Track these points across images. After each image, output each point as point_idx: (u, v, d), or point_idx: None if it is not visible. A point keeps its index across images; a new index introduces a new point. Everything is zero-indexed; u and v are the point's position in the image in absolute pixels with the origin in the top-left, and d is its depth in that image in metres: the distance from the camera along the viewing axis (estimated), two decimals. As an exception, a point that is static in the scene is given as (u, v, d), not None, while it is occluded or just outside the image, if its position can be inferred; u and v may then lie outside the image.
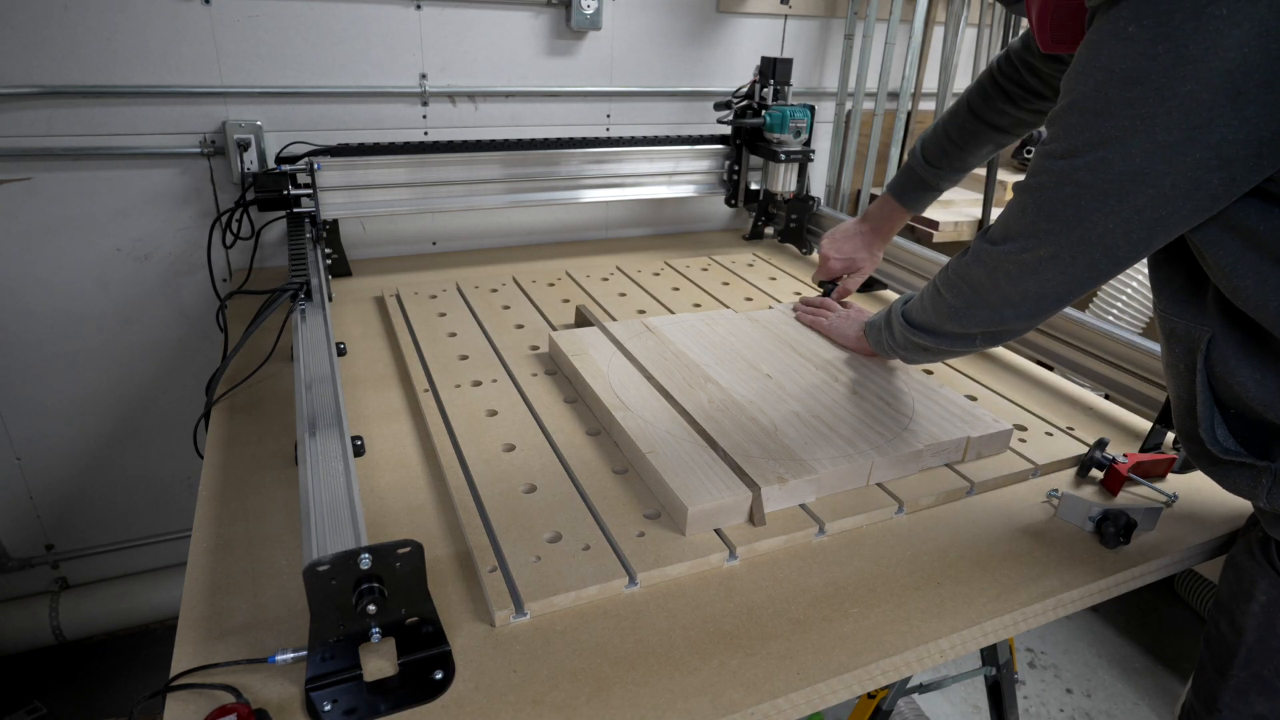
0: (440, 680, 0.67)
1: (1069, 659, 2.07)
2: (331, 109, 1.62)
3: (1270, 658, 0.79)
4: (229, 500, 0.89)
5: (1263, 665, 0.80)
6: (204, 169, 1.56)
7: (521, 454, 0.97)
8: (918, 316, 0.98)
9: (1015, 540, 0.90)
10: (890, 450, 0.95)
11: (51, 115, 1.43)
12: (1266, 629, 0.79)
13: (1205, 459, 0.80)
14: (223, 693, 0.64)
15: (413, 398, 1.12)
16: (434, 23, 1.63)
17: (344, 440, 0.78)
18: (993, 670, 1.41)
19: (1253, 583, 0.80)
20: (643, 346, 1.20)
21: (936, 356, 1.00)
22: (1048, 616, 0.83)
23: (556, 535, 0.83)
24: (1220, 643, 0.84)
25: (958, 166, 1.22)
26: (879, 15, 1.96)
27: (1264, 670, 0.80)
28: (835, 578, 0.83)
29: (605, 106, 1.87)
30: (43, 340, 1.58)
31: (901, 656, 0.74)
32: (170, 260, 1.61)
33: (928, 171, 1.23)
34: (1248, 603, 0.80)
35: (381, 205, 1.60)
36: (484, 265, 1.71)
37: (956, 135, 1.18)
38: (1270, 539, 0.79)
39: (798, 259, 1.84)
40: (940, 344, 0.95)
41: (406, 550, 0.63)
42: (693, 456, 0.92)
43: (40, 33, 1.37)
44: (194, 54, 1.48)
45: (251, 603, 0.75)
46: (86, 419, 1.68)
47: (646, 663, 0.70)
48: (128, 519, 1.82)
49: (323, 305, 1.11)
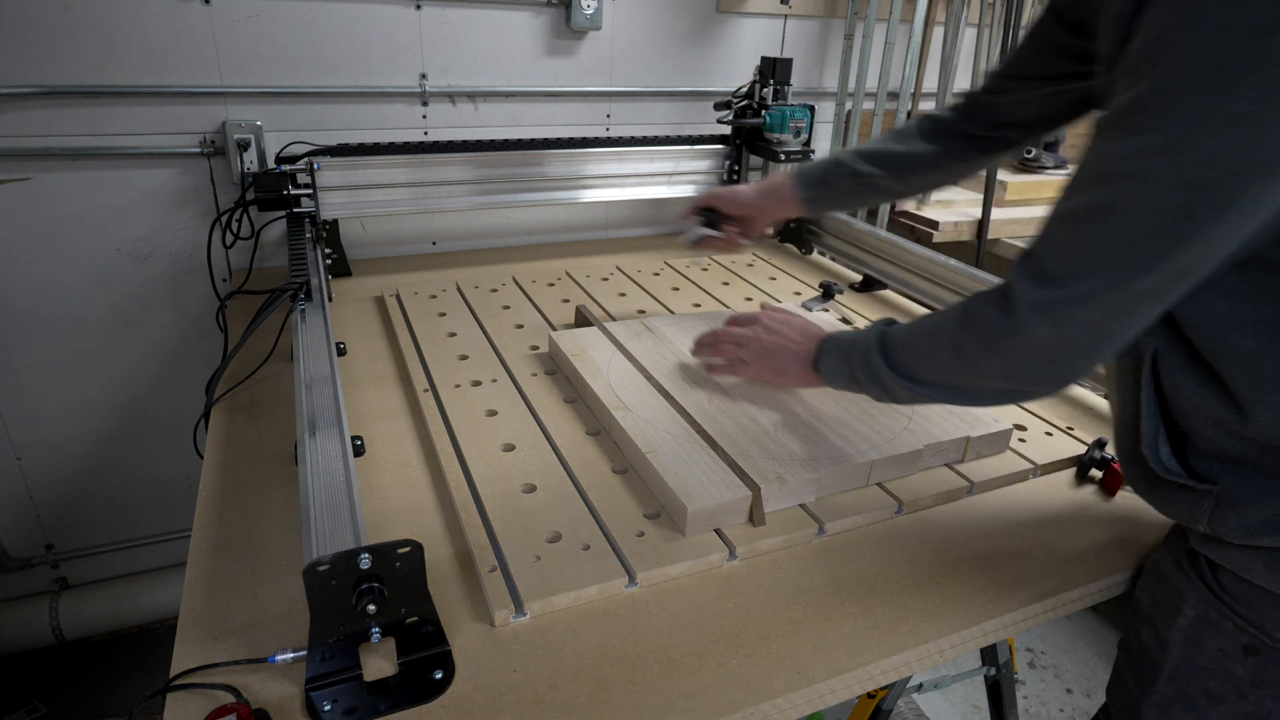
0: (440, 680, 0.67)
1: (1069, 659, 2.07)
2: (331, 109, 1.62)
3: (1196, 675, 0.76)
4: (229, 500, 0.89)
5: (1188, 683, 0.76)
6: (204, 169, 1.56)
7: (521, 454, 0.97)
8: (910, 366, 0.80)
9: (1015, 540, 0.90)
10: (890, 450, 0.95)
11: (51, 115, 1.43)
12: (1193, 646, 0.75)
13: (1145, 481, 0.78)
14: (223, 692, 0.64)
15: (413, 398, 1.12)
16: (434, 23, 1.63)
17: (344, 440, 0.78)
18: (992, 670, 1.41)
19: (1179, 595, 0.76)
20: (643, 346, 1.20)
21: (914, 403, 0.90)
22: (1048, 616, 0.83)
23: (556, 535, 0.83)
24: (1142, 654, 0.81)
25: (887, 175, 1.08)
26: (879, 15, 1.96)
27: (1189, 688, 0.76)
28: (835, 578, 0.83)
29: (605, 106, 1.87)
30: (43, 340, 1.58)
31: (901, 656, 0.74)
32: (170, 260, 1.61)
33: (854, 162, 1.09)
34: (1174, 616, 0.76)
35: (381, 205, 1.60)
36: (484, 265, 1.71)
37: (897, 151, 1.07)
38: (1198, 553, 0.75)
39: (798, 259, 1.84)
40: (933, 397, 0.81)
41: (406, 550, 0.63)
42: (693, 456, 0.92)
43: (40, 33, 1.37)
44: (194, 54, 1.48)
45: (251, 603, 0.75)
46: (86, 419, 1.68)
47: (646, 663, 0.71)
48: (128, 519, 1.82)
49: (323, 305, 1.11)
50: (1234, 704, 0.74)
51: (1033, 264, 0.66)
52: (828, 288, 1.45)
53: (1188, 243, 0.57)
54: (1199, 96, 0.52)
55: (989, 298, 0.71)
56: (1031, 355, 0.68)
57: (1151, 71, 0.55)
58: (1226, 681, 0.74)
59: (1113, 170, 0.59)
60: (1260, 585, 0.70)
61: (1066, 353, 0.66)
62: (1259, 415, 0.65)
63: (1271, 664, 0.71)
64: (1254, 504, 0.68)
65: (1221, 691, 0.75)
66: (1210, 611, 0.74)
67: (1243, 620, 0.72)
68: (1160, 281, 0.60)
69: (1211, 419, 0.69)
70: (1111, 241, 0.60)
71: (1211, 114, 0.52)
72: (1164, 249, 0.58)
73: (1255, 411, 0.65)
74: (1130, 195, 0.58)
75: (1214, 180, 0.54)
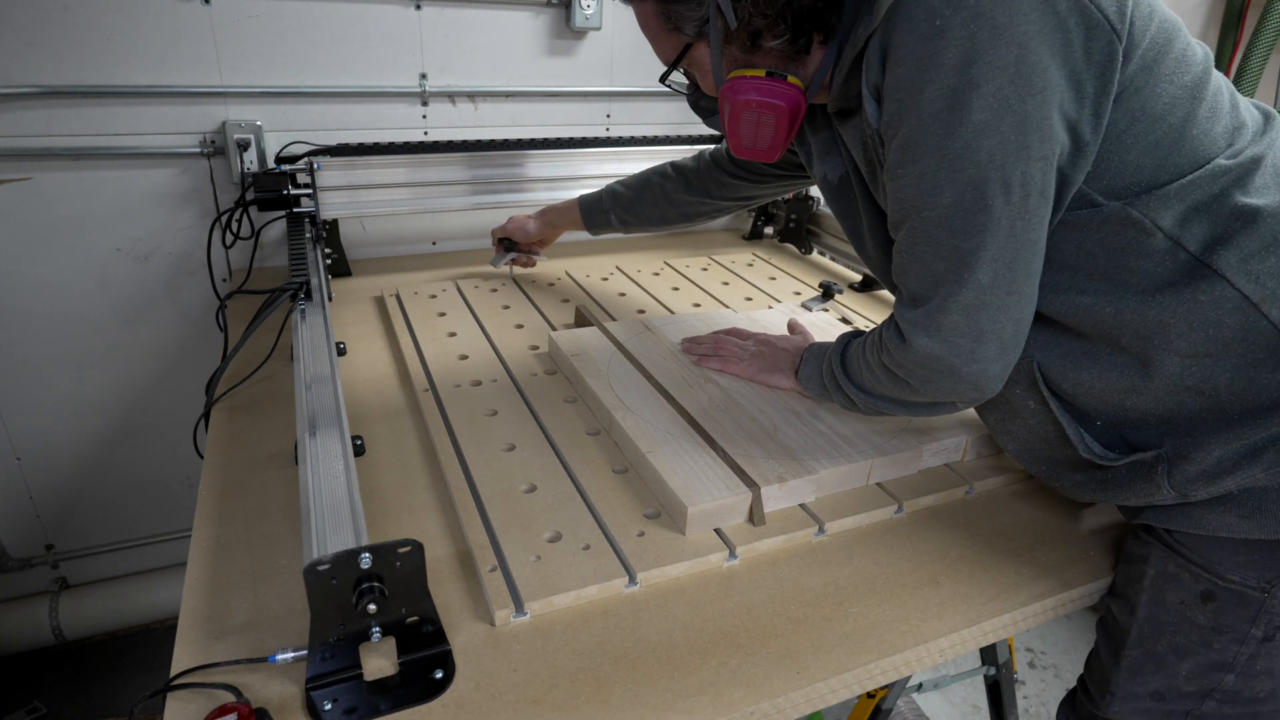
0: (440, 680, 0.67)
1: (1069, 659, 2.07)
2: (331, 109, 1.62)
3: (1163, 633, 0.78)
4: (229, 500, 0.89)
5: (1155, 641, 0.79)
6: (204, 169, 1.56)
7: (521, 454, 0.97)
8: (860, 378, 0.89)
9: (1015, 540, 0.90)
10: (890, 450, 0.95)
11: (51, 115, 1.43)
12: (1156, 605, 0.78)
13: (1094, 482, 0.81)
14: (223, 692, 0.64)
15: (413, 398, 1.12)
16: (434, 23, 1.63)
17: (344, 440, 0.78)
18: (992, 670, 1.42)
19: (1144, 560, 0.80)
20: (643, 346, 1.20)
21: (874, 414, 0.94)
22: (1047, 616, 0.83)
23: (556, 535, 0.83)
24: (1114, 626, 0.84)
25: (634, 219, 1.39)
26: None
27: (1157, 646, 0.79)
28: (835, 577, 0.83)
29: (605, 106, 1.87)
30: (43, 340, 1.58)
31: (901, 656, 0.74)
32: (170, 260, 1.61)
33: (605, 201, 1.40)
34: (1139, 581, 0.80)
35: (381, 205, 1.60)
36: (484, 265, 1.71)
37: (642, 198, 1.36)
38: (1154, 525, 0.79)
39: (797, 259, 1.84)
40: (888, 409, 0.89)
41: (407, 550, 0.63)
42: (693, 456, 0.92)
43: (40, 33, 1.37)
44: (194, 54, 1.48)
45: (251, 602, 0.75)
46: (86, 419, 1.68)
47: (646, 662, 0.71)
48: (128, 519, 1.82)
49: (323, 305, 1.11)
50: (1200, 655, 0.77)
51: (902, 294, 0.80)
52: (827, 288, 1.45)
53: (993, 229, 0.69)
54: (943, 118, 0.67)
55: (889, 323, 0.82)
56: (927, 367, 0.77)
57: (905, 119, 0.69)
58: (1191, 633, 0.77)
59: (912, 196, 0.72)
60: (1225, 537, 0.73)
61: (956, 359, 0.75)
62: (1164, 367, 0.71)
63: (1228, 607, 0.74)
64: (1201, 449, 0.71)
65: (1186, 644, 0.77)
66: (1168, 565, 0.77)
67: (1197, 567, 0.75)
68: (994, 270, 0.71)
69: (1121, 390, 0.74)
70: (940, 250, 0.72)
71: (956, 128, 0.67)
72: (978, 241, 0.70)
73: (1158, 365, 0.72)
74: (933, 207, 0.71)
75: (987, 173, 0.67)
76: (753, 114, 0.83)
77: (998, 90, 0.65)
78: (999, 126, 0.66)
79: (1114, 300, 0.72)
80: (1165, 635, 0.78)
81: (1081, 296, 0.74)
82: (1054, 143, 0.67)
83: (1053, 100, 0.66)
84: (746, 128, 0.84)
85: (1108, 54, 0.66)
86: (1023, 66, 0.64)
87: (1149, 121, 0.69)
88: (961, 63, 0.65)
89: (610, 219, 1.41)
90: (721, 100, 0.85)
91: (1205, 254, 0.69)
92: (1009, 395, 0.83)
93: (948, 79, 0.66)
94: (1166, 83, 0.69)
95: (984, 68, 0.65)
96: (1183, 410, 0.73)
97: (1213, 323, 0.69)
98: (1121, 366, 0.74)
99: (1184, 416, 0.73)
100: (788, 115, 0.82)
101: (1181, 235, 0.69)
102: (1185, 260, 0.69)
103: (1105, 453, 0.78)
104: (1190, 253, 0.69)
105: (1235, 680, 0.76)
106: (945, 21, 0.65)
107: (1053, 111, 0.66)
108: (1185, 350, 0.70)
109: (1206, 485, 0.72)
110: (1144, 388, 0.73)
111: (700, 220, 1.36)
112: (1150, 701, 0.81)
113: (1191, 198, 0.69)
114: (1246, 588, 0.73)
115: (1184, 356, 0.70)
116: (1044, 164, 0.68)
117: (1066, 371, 0.77)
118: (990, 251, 0.70)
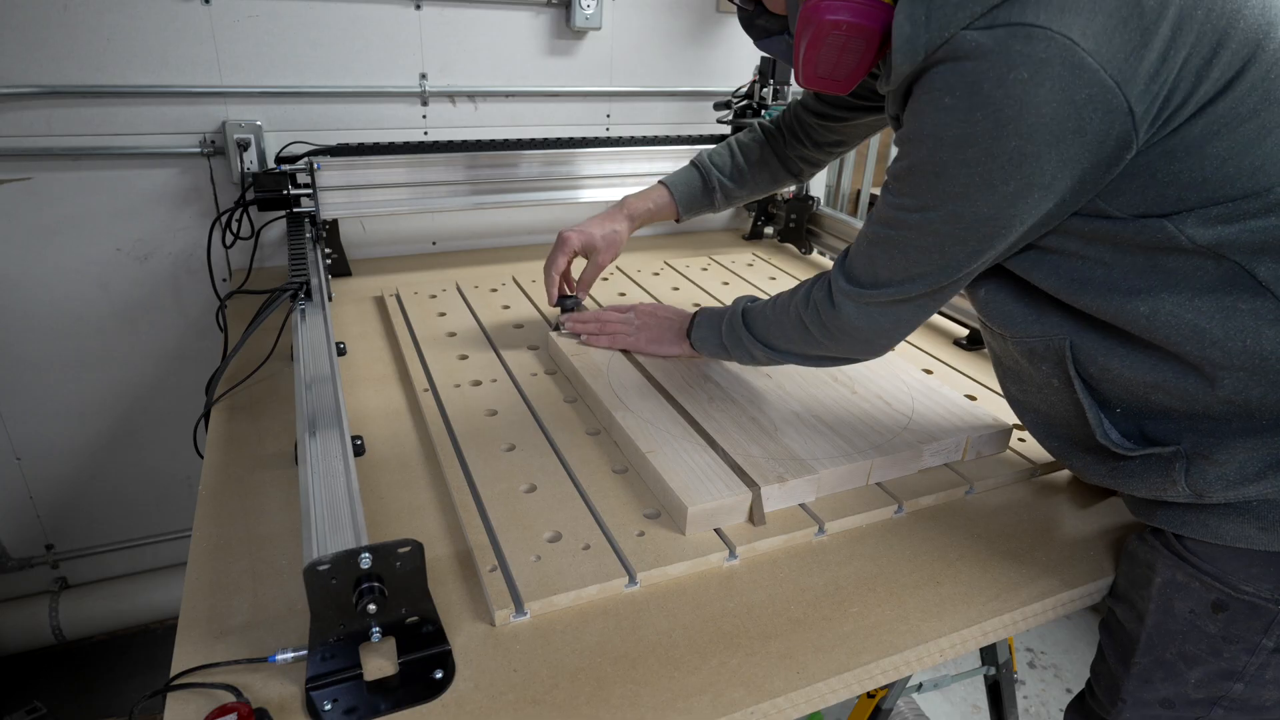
0: (440, 680, 0.67)
1: (1069, 659, 2.07)
2: (331, 109, 1.62)
3: (1171, 640, 0.78)
4: (229, 500, 0.89)
5: (1165, 649, 0.78)
6: (204, 169, 1.56)
7: (521, 454, 0.97)
8: (765, 334, 0.98)
9: (1015, 540, 0.90)
10: (890, 450, 0.95)
11: (51, 115, 1.43)
12: (1165, 613, 0.78)
13: (1105, 467, 0.80)
14: (223, 692, 0.64)
15: (413, 398, 1.12)
16: (434, 23, 1.63)
17: (344, 440, 0.78)
18: (992, 670, 1.42)
19: (1150, 566, 0.79)
20: (643, 346, 1.20)
21: (770, 364, 1.04)
22: (1047, 616, 0.83)
23: (556, 535, 0.83)
24: (1121, 631, 0.83)
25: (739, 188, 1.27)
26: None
27: (1165, 653, 0.78)
28: (835, 577, 0.83)
29: (605, 106, 1.87)
30: (43, 340, 1.58)
31: (901, 656, 0.74)
32: (170, 260, 1.61)
33: (713, 175, 1.26)
34: (1146, 587, 0.79)
35: (381, 205, 1.59)
36: (484, 265, 1.71)
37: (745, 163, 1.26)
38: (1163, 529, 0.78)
39: (797, 259, 1.84)
40: (784, 360, 0.98)
41: (407, 550, 0.63)
42: (693, 456, 0.92)
43: (40, 32, 1.37)
44: (194, 54, 1.48)
45: (251, 602, 0.75)
46: (86, 419, 1.68)
47: (646, 662, 0.71)
48: (127, 519, 1.82)
49: (323, 305, 1.11)
50: (1210, 663, 0.76)
51: (846, 266, 0.86)
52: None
53: (942, 267, 0.77)
54: (929, 179, 0.71)
55: (821, 284, 0.90)
56: (845, 332, 0.88)
57: (910, 153, 0.73)
58: (1200, 642, 0.76)
59: (890, 217, 0.78)
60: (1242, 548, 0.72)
61: (873, 333, 0.86)
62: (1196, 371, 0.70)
63: (1240, 617, 0.73)
64: (1225, 451, 0.70)
65: (1196, 653, 0.77)
66: (1177, 574, 0.76)
67: (1209, 577, 0.74)
68: (930, 288, 0.79)
69: (1148, 385, 0.73)
70: (892, 264, 0.80)
71: (939, 190, 0.71)
72: (927, 270, 0.78)
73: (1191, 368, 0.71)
74: (901, 237, 0.77)
75: (952, 230, 0.73)
76: (840, 36, 0.73)
77: (985, 174, 0.67)
78: (975, 199, 0.69)
79: (1150, 301, 0.70)
80: (1174, 643, 0.78)
81: (1114, 295, 0.72)
82: (1029, 218, 0.70)
83: (1039, 183, 0.67)
84: (828, 52, 0.75)
85: (1121, 143, 0.64)
86: (1018, 157, 0.65)
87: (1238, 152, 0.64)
88: (959, 142, 0.67)
89: (715, 198, 1.27)
90: (802, 20, 0.75)
91: (1249, 263, 0.66)
92: (1034, 369, 0.81)
93: (944, 152, 0.68)
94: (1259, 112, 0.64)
95: (978, 153, 0.66)
96: (1209, 413, 0.71)
97: (1251, 333, 0.66)
98: (1153, 363, 0.72)
99: (1209, 418, 0.71)
100: (879, 38, 0.73)
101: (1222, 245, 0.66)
102: (1229, 268, 0.67)
103: (1122, 441, 0.77)
104: (1234, 261, 0.66)
105: (1244, 689, 0.76)
106: (955, 101, 0.65)
107: (1034, 193, 0.68)
108: (1219, 359, 0.68)
109: (1225, 489, 0.70)
110: (1172, 386, 0.71)
111: (801, 178, 1.28)
112: (1160, 709, 0.81)
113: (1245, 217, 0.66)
114: (1260, 599, 0.72)
115: (1218, 364, 0.68)
116: (1009, 231, 0.72)
117: (1096, 356, 0.75)
118: (931, 280, 0.78)
